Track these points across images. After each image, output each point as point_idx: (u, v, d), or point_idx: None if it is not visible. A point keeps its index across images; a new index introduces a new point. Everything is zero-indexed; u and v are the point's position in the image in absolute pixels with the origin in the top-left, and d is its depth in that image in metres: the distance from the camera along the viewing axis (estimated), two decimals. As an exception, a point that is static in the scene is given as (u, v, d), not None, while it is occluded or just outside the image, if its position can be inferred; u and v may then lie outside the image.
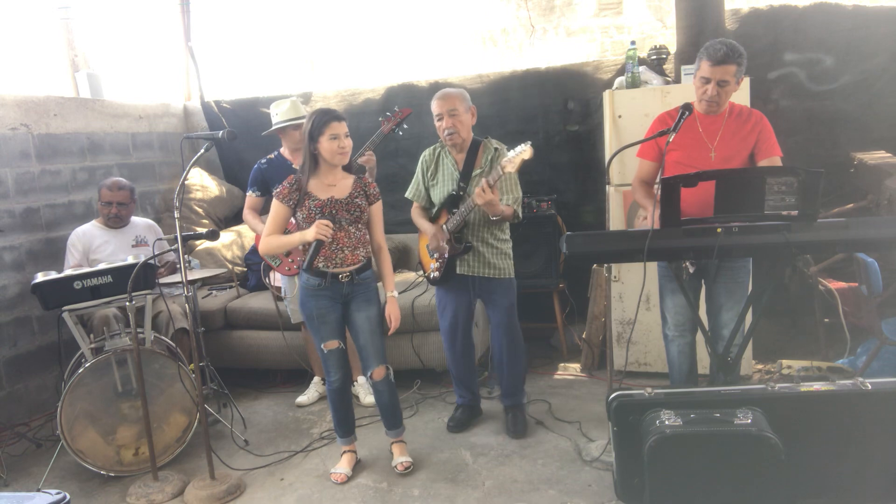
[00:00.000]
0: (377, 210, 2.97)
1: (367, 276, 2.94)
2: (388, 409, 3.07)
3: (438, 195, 3.27)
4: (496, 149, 3.21)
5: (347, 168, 2.96)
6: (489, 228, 3.20)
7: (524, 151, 2.88)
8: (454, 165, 3.24)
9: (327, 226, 2.73)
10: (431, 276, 3.33)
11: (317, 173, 2.88)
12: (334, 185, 2.89)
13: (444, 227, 3.20)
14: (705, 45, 2.75)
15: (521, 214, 3.20)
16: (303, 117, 3.73)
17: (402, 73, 5.07)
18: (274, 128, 3.79)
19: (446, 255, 3.20)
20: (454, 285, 3.28)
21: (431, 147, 3.35)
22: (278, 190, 2.88)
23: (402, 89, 4.86)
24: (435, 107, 3.17)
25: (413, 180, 3.38)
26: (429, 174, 3.30)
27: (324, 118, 2.79)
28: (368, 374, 3.01)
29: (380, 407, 3.10)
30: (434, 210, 3.32)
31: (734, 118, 2.82)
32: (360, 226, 2.90)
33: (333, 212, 2.83)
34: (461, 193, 3.18)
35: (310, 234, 2.74)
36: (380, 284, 3.06)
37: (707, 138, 2.82)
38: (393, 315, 2.94)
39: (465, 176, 3.20)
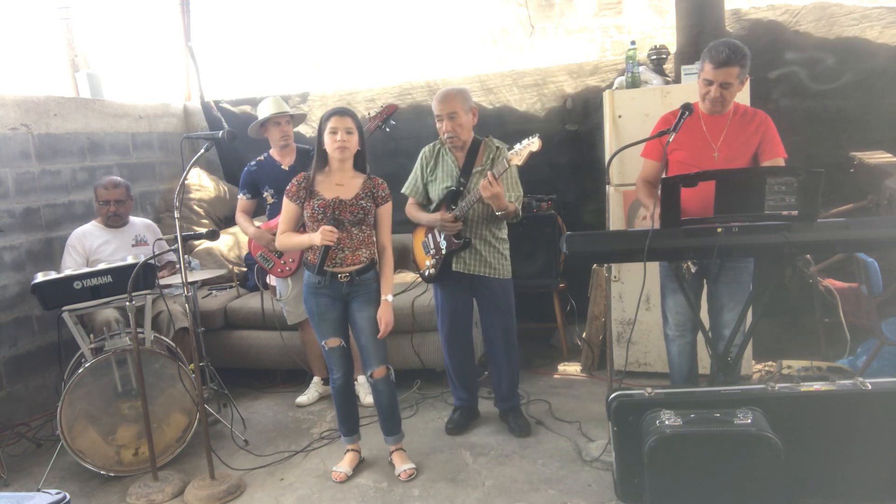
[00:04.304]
0: (384, 212, 2.96)
1: (369, 277, 2.93)
2: (387, 411, 3.06)
3: (436, 191, 3.26)
4: (497, 147, 3.21)
5: (361, 168, 2.96)
6: (488, 226, 3.20)
7: (532, 143, 2.84)
8: (454, 162, 3.23)
9: (332, 232, 2.78)
10: (427, 273, 3.33)
11: (327, 171, 2.92)
12: (343, 184, 2.90)
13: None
14: (709, 45, 2.73)
15: (520, 213, 3.20)
16: (284, 112, 3.76)
17: (401, 73, 5.07)
18: (252, 124, 3.80)
19: (444, 251, 3.20)
20: (452, 283, 3.27)
21: (431, 144, 3.34)
22: (288, 188, 2.94)
23: (401, 89, 4.87)
24: (435, 107, 3.16)
25: (411, 176, 3.36)
26: (427, 170, 3.29)
27: (327, 113, 2.86)
28: (369, 373, 3.00)
29: (378, 408, 3.09)
30: (432, 206, 3.31)
31: (738, 118, 2.81)
32: (363, 227, 2.90)
33: (336, 213, 2.83)
34: (461, 189, 3.18)
35: (317, 238, 2.81)
36: None
37: (711, 138, 2.81)
38: (384, 319, 2.90)
39: (466, 173, 3.19)
